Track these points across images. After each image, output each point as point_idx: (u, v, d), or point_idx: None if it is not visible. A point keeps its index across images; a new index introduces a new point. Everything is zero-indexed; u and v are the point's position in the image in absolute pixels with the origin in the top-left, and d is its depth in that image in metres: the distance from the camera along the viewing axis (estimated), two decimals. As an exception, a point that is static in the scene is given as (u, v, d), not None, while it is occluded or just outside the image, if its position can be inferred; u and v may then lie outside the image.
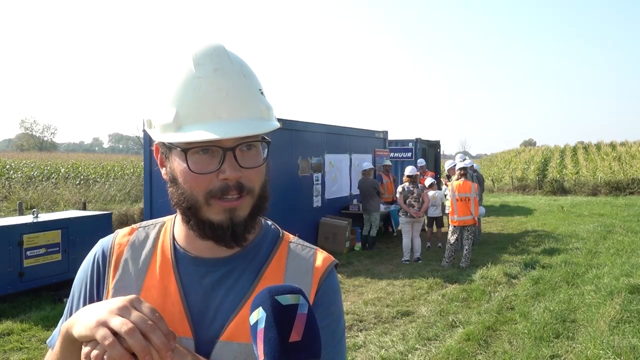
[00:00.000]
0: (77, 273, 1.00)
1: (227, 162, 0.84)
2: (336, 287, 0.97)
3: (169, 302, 0.90)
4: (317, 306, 0.90)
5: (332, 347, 0.92)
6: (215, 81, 0.84)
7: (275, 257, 0.95)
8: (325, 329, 0.89)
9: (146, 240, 0.98)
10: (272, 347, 0.68)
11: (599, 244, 10.63)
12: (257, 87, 0.88)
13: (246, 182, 0.86)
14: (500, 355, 4.76)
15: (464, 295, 6.75)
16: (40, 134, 78.75)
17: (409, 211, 8.82)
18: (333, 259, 0.98)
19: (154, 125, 0.88)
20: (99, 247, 1.00)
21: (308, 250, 0.98)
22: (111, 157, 40.08)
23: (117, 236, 0.99)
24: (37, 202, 15.16)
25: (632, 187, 24.01)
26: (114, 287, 0.93)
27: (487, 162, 38.69)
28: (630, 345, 4.68)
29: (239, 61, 0.89)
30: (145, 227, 1.01)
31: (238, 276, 0.92)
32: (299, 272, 0.94)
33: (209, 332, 0.88)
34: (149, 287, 0.92)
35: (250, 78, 0.88)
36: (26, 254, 6.37)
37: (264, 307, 0.70)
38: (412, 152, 14.95)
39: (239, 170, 0.85)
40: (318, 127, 10.51)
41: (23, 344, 4.98)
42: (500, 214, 16.56)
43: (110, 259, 0.96)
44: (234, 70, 0.86)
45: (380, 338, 5.19)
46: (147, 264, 0.94)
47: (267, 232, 0.99)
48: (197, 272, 0.92)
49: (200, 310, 0.89)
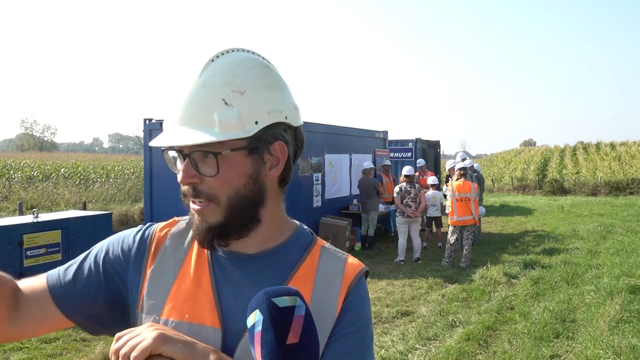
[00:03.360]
0: (115, 241, 1.01)
1: (183, 166, 0.89)
2: (365, 294, 0.97)
3: (200, 293, 0.92)
4: (345, 312, 0.91)
5: (360, 353, 0.91)
6: (180, 89, 0.89)
7: (307, 258, 0.96)
8: (353, 335, 0.90)
9: (187, 231, 1.00)
10: (269, 350, 0.68)
11: (599, 244, 10.63)
12: (219, 97, 0.86)
13: (205, 189, 0.88)
14: (500, 355, 4.76)
15: (463, 295, 6.76)
16: (41, 134, 78.83)
17: (405, 211, 8.82)
18: (364, 266, 0.99)
19: None
20: (142, 230, 1.02)
21: (340, 255, 0.99)
22: (111, 157, 40.05)
23: (158, 226, 1.02)
24: (37, 202, 15.15)
25: (631, 187, 24.00)
26: (151, 273, 0.95)
27: (487, 162, 38.69)
28: (630, 345, 4.69)
29: (216, 70, 0.88)
30: (186, 219, 1.03)
31: (270, 272, 0.93)
32: (330, 276, 0.94)
33: (236, 325, 0.89)
34: (184, 276, 0.94)
35: (212, 88, 0.87)
36: (26, 254, 6.37)
37: (260, 310, 0.70)
38: (412, 152, 14.96)
39: (192, 177, 0.88)
40: (318, 127, 10.50)
41: (23, 344, 4.97)
42: (500, 214, 16.56)
43: (150, 246, 0.99)
44: (198, 80, 0.88)
45: (380, 338, 5.19)
46: (184, 254, 0.97)
47: (300, 235, 1.00)
48: (230, 266, 0.94)
49: (231, 302, 0.91)
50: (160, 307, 0.92)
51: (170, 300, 0.92)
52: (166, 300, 0.92)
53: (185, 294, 0.92)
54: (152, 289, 0.94)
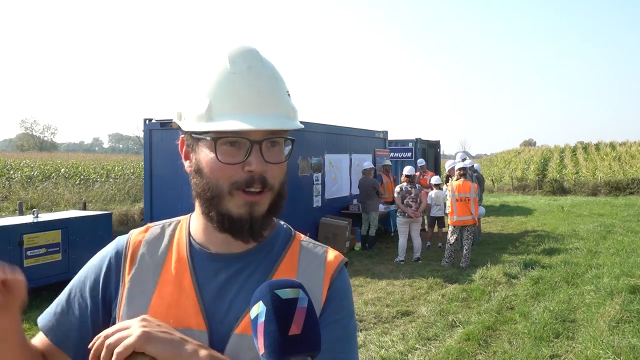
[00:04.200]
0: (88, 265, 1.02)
1: (253, 154, 0.88)
2: (347, 283, 0.99)
3: (183, 297, 0.92)
4: (329, 301, 0.94)
5: (346, 340, 0.93)
6: (248, 78, 0.89)
7: (288, 253, 0.98)
8: (337, 323, 0.93)
9: (162, 236, 1.00)
10: (272, 341, 0.69)
11: (599, 244, 10.63)
12: (284, 89, 0.94)
13: (269, 178, 0.90)
14: (500, 355, 4.76)
15: (463, 295, 6.76)
16: (41, 134, 78.95)
17: (406, 211, 8.83)
18: (343, 257, 1.01)
19: (185, 116, 0.92)
20: (113, 245, 1.02)
21: (320, 248, 1.02)
22: (111, 157, 40.05)
23: (133, 234, 1.02)
24: (37, 202, 15.15)
25: (631, 187, 24.03)
26: (130, 280, 0.95)
27: (487, 162, 38.71)
28: (630, 345, 4.69)
29: (270, 64, 0.95)
30: (160, 224, 1.04)
31: (252, 271, 0.94)
32: (311, 269, 0.97)
33: (223, 325, 0.90)
34: (165, 282, 0.94)
35: (279, 80, 0.94)
36: (26, 254, 6.37)
37: (264, 301, 0.71)
38: (412, 152, 14.98)
39: (264, 164, 0.88)
40: (318, 127, 10.51)
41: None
42: (500, 214, 16.57)
43: (126, 254, 0.98)
44: (266, 71, 0.92)
45: (380, 338, 5.19)
46: (162, 259, 0.97)
47: (279, 231, 1.02)
48: (212, 268, 0.94)
49: (215, 304, 0.92)
50: (143, 313, 0.90)
51: (153, 307, 0.91)
52: (149, 307, 0.92)
53: (169, 300, 0.92)
54: (133, 297, 0.93)
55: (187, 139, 0.94)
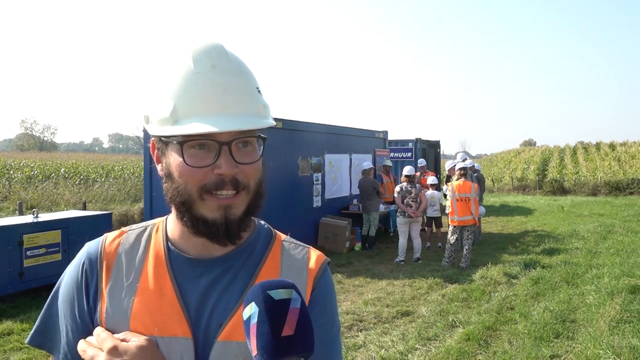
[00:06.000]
0: (63, 278, 0.98)
1: (223, 156, 0.84)
2: (330, 285, 0.98)
3: (165, 304, 0.89)
4: (313, 305, 0.92)
5: (330, 345, 0.93)
6: (212, 77, 0.85)
7: (269, 256, 0.96)
8: (321, 328, 0.91)
9: (138, 242, 0.96)
10: (265, 342, 0.68)
11: (599, 244, 10.63)
12: (254, 85, 0.90)
13: (242, 178, 0.86)
14: (500, 355, 4.76)
15: (464, 295, 6.75)
16: (40, 134, 78.88)
17: (406, 211, 8.83)
18: (326, 258, 0.99)
19: (151, 120, 0.88)
20: (84, 254, 0.97)
21: (301, 249, 0.99)
22: (111, 157, 40.03)
23: (106, 240, 0.97)
24: (37, 202, 15.15)
25: (632, 187, 24.02)
26: (109, 293, 0.92)
27: (487, 162, 38.71)
28: (630, 345, 4.68)
29: (237, 60, 0.90)
30: (135, 229, 0.99)
31: (234, 275, 0.92)
32: (294, 271, 0.95)
33: (207, 332, 0.88)
34: (144, 290, 0.91)
35: (247, 76, 0.89)
36: (26, 254, 6.37)
37: (256, 302, 0.70)
38: (412, 152, 14.97)
39: (235, 166, 0.85)
40: (318, 127, 10.51)
41: (23, 344, 4.97)
42: (500, 214, 16.56)
43: (101, 264, 0.94)
44: (231, 68, 0.87)
45: (380, 338, 5.19)
46: (140, 266, 0.93)
47: (260, 232, 0.99)
48: (192, 272, 0.92)
49: (198, 311, 0.89)
50: (125, 324, 0.88)
51: (134, 316, 0.88)
52: (130, 316, 0.89)
53: (150, 307, 0.89)
54: (113, 307, 0.90)
55: (157, 142, 0.91)
